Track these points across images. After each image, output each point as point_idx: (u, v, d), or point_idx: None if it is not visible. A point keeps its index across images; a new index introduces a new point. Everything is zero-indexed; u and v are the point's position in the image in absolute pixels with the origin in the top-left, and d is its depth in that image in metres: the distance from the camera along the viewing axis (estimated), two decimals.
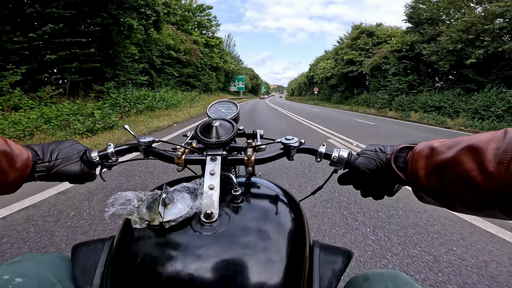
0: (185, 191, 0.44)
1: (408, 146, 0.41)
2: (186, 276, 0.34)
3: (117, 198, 0.42)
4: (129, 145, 0.53)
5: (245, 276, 0.35)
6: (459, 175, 0.31)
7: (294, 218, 0.47)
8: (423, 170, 0.36)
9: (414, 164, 0.38)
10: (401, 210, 2.25)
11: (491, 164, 0.29)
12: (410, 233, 1.87)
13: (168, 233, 0.39)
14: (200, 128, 0.53)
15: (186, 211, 0.40)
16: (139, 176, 2.86)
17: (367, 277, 0.46)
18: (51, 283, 0.39)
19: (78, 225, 1.81)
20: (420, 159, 0.37)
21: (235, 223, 0.41)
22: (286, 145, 0.51)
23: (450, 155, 0.33)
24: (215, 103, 0.73)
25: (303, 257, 0.43)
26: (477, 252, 1.67)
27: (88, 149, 0.52)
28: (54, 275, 0.41)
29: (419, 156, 0.37)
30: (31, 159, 0.44)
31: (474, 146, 0.31)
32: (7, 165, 0.40)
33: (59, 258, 0.46)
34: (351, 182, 0.48)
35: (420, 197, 0.39)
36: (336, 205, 2.28)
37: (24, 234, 1.68)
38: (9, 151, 0.40)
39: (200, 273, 0.34)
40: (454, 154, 0.32)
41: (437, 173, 0.34)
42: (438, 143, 0.36)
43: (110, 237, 0.49)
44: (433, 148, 0.36)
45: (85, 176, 0.50)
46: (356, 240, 1.75)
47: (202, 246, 0.37)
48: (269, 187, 0.54)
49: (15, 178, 0.41)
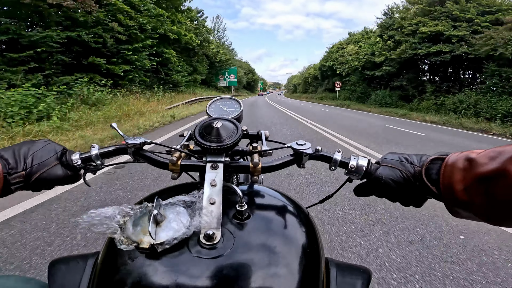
0: (181, 204, 0.37)
1: (439, 157, 0.38)
2: None
3: (93, 217, 0.34)
4: (116, 147, 0.47)
5: None
6: (508, 187, 0.29)
7: (306, 232, 0.42)
8: (460, 184, 0.33)
9: (448, 178, 0.35)
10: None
11: None
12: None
13: (162, 256, 0.33)
14: (199, 129, 0.45)
15: (183, 231, 0.33)
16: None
17: None
18: None
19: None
20: (455, 171, 0.34)
21: (241, 244, 0.35)
22: (297, 152, 0.44)
23: (495, 166, 0.30)
24: (216, 100, 0.66)
25: (319, 275, 0.38)
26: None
27: (67, 150, 0.45)
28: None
29: (454, 168, 0.34)
30: (1, 171, 0.38)
31: None
32: None
33: (23, 281, 0.41)
34: (372, 193, 0.44)
35: (454, 212, 0.36)
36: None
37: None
38: None
39: None
40: (500, 165, 0.30)
41: (480, 187, 0.31)
42: (475, 154, 0.34)
43: (94, 253, 0.43)
44: (471, 159, 0.33)
45: (68, 179, 0.44)
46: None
47: (203, 273, 0.31)
48: (275, 197, 0.48)
49: None
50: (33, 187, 0.42)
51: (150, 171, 2.85)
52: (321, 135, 6.33)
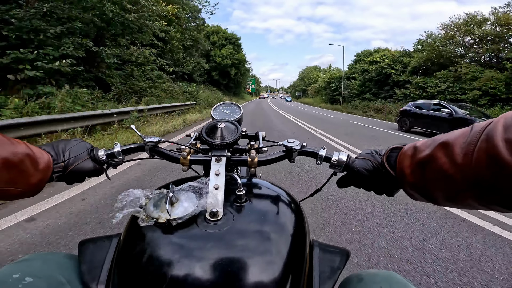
0: (191, 190, 0.46)
1: (398, 146, 0.45)
2: (192, 272, 0.35)
3: (127, 195, 0.43)
4: (136, 145, 0.55)
5: (249, 272, 0.37)
6: (436, 170, 0.35)
7: (295, 218, 0.49)
8: (408, 168, 0.40)
9: (401, 163, 0.42)
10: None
11: (459, 156, 0.32)
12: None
13: (175, 230, 0.41)
14: (206, 129, 0.55)
15: (192, 209, 0.42)
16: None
17: (361, 277, 0.47)
18: (60, 283, 0.40)
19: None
20: (406, 158, 0.41)
21: (239, 221, 0.43)
22: (288, 148, 0.52)
23: (428, 152, 0.36)
24: (219, 105, 0.75)
25: (304, 255, 0.45)
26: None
27: (94, 147, 0.53)
28: (63, 275, 0.41)
29: (405, 155, 0.41)
30: (51, 161, 0.46)
31: (446, 142, 0.35)
32: (31, 168, 0.41)
33: (67, 257, 0.46)
34: (350, 183, 0.51)
35: (410, 194, 0.42)
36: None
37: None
38: (31, 154, 0.41)
39: (205, 269, 0.36)
40: (431, 151, 0.36)
41: (419, 170, 0.38)
42: (420, 143, 0.40)
43: (117, 234, 0.50)
44: (416, 147, 0.40)
45: (95, 173, 0.52)
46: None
47: (208, 244, 0.39)
48: (270, 188, 0.56)
49: (39, 180, 0.42)
50: (68, 177, 0.49)
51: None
52: None
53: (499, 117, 0.30)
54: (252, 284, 0.36)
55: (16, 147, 0.40)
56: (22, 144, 0.42)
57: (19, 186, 0.40)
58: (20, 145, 0.41)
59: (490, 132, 0.30)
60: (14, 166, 0.38)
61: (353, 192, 2.73)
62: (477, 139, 0.31)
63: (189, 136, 0.66)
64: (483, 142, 0.30)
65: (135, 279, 0.38)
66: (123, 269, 0.41)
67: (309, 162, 3.72)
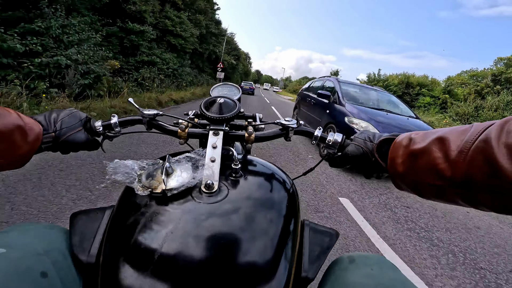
0: (187, 161, 0.45)
1: (390, 137, 0.45)
2: (185, 244, 0.35)
3: (117, 166, 0.42)
4: (133, 117, 0.54)
5: (241, 246, 0.37)
6: (428, 163, 0.35)
7: (288, 195, 0.49)
8: (400, 158, 0.40)
9: (393, 153, 0.42)
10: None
11: (454, 153, 0.32)
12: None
13: (170, 201, 0.41)
14: (204, 104, 0.54)
15: (188, 181, 0.41)
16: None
17: (352, 258, 0.48)
18: (37, 253, 0.37)
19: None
20: (399, 148, 0.41)
21: (233, 195, 0.43)
22: (284, 126, 0.53)
23: (423, 145, 0.36)
24: (218, 86, 0.75)
25: (295, 232, 0.46)
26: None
27: (91, 118, 0.52)
28: (42, 246, 0.39)
29: (399, 145, 0.41)
30: (41, 132, 0.44)
31: (443, 137, 0.34)
32: (20, 139, 0.39)
33: (48, 228, 0.44)
34: (342, 165, 0.52)
35: (397, 184, 0.42)
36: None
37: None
38: (22, 125, 0.39)
39: (198, 241, 0.36)
40: (426, 144, 0.36)
41: (410, 161, 0.38)
42: (415, 134, 0.40)
43: (111, 206, 0.49)
44: (411, 138, 0.40)
45: (89, 145, 0.51)
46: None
47: (202, 215, 0.39)
48: (265, 165, 0.56)
49: (26, 152, 0.41)
50: (59, 148, 0.48)
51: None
52: None
53: (502, 120, 0.30)
54: (243, 258, 0.36)
55: (7, 117, 0.38)
56: (14, 113, 0.40)
57: (5, 158, 0.38)
58: (11, 115, 0.39)
59: (489, 133, 0.29)
60: (4, 138, 0.37)
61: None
62: (475, 138, 0.30)
63: (187, 114, 0.65)
64: (481, 142, 0.29)
65: (127, 250, 0.37)
66: (115, 240, 0.40)
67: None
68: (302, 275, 0.44)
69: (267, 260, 0.37)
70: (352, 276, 0.43)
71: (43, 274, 0.35)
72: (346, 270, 0.45)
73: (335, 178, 2.96)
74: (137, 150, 3.06)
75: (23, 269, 0.34)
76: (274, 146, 4.11)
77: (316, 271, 0.45)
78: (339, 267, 0.47)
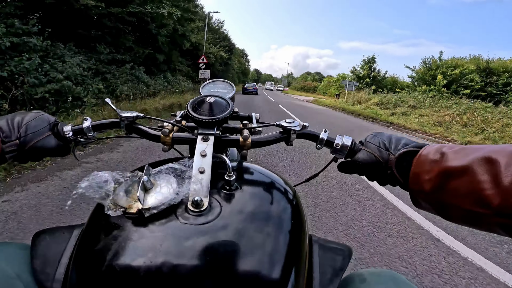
0: (171, 173, 0.38)
1: (413, 149, 0.38)
2: (168, 274, 0.29)
3: (93, 178, 0.35)
4: (109, 121, 0.47)
5: (239, 275, 0.31)
6: (468, 186, 0.30)
7: (292, 209, 0.43)
8: (427, 175, 0.34)
9: (418, 167, 0.36)
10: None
11: (507, 178, 0.27)
12: None
13: (149, 222, 0.33)
14: (192, 104, 0.46)
15: (171, 198, 0.34)
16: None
17: (363, 277, 0.44)
18: (9, 277, 0.34)
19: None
20: (426, 162, 0.35)
21: (227, 213, 0.36)
22: (286, 129, 0.46)
23: (463, 163, 0.31)
24: (209, 82, 0.67)
25: (303, 252, 0.39)
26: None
27: (59, 122, 0.46)
28: (14, 269, 0.36)
29: (426, 159, 0.35)
30: (1, 139, 0.38)
31: (492, 158, 0.29)
32: None
33: (20, 248, 0.40)
34: (353, 171, 0.46)
35: (417, 202, 0.37)
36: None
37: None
38: None
39: (184, 270, 0.29)
40: (467, 163, 0.30)
41: (441, 180, 0.32)
42: (449, 148, 0.34)
43: (80, 225, 0.43)
44: (444, 153, 0.34)
45: (60, 151, 0.45)
46: None
47: (189, 239, 0.32)
48: (264, 173, 0.49)
49: None
50: (25, 156, 0.42)
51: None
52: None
53: None
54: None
55: None
56: None
57: None
58: None
59: None
60: None
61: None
62: None
63: (174, 115, 0.58)
64: None
65: (96, 278, 0.31)
66: (82, 266, 0.34)
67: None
68: None
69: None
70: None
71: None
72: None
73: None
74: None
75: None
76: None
77: None
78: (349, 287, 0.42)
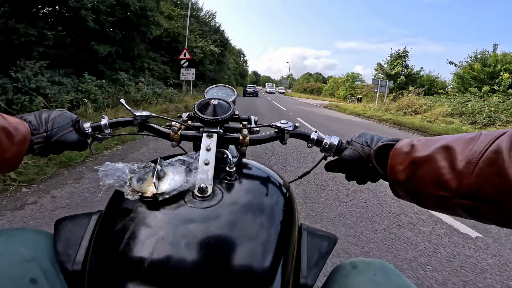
0: (180, 164, 0.44)
1: (389, 143, 0.43)
2: (177, 250, 0.34)
3: (109, 169, 0.41)
4: (124, 119, 0.53)
5: (236, 252, 0.36)
6: (431, 172, 0.33)
7: (284, 199, 0.48)
8: (400, 166, 0.38)
9: (393, 160, 0.40)
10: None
11: (461, 163, 0.30)
12: None
13: (161, 206, 0.39)
14: (198, 105, 0.53)
15: (181, 184, 0.40)
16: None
17: (355, 264, 0.47)
18: (25, 260, 0.37)
19: None
20: (400, 154, 0.39)
21: (228, 199, 0.42)
22: (280, 129, 0.52)
23: (427, 153, 0.35)
24: (213, 87, 0.74)
25: (293, 237, 0.44)
26: None
27: (80, 119, 0.51)
28: (29, 252, 0.38)
29: (400, 152, 0.39)
30: (29, 132, 0.43)
31: (450, 146, 0.33)
32: (6, 141, 0.38)
33: (35, 233, 0.43)
34: (338, 169, 0.50)
35: (395, 192, 0.41)
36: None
37: None
38: (7, 126, 0.38)
39: (190, 247, 0.34)
40: (430, 152, 0.34)
41: (412, 169, 0.36)
42: (417, 141, 0.39)
43: (98, 211, 0.47)
44: (413, 145, 0.38)
45: (80, 145, 0.50)
46: None
47: (195, 220, 0.37)
48: (260, 168, 0.55)
49: (15, 154, 0.40)
50: (50, 149, 0.47)
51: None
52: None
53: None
54: (239, 264, 0.35)
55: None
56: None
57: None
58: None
59: (500, 144, 0.28)
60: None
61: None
62: (484, 149, 0.29)
63: (180, 116, 0.65)
64: (491, 153, 0.28)
65: (114, 257, 0.35)
66: (101, 248, 0.38)
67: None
68: (301, 282, 0.42)
69: (264, 267, 0.36)
70: (355, 283, 0.42)
71: (32, 281, 0.35)
72: (349, 276, 0.44)
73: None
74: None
75: (13, 276, 0.34)
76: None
77: (315, 277, 0.43)
78: (341, 273, 0.46)
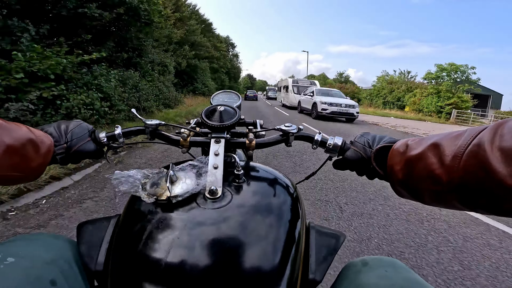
0: (191, 169, 0.46)
1: (387, 145, 0.45)
2: (192, 249, 0.36)
3: (121, 177, 0.43)
4: (136, 128, 0.55)
5: (248, 249, 0.37)
6: (424, 169, 0.35)
7: (292, 199, 0.50)
8: (398, 165, 0.40)
9: (391, 160, 0.42)
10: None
11: (448, 157, 0.32)
12: None
13: (175, 208, 0.41)
14: (205, 112, 0.56)
15: (193, 187, 0.42)
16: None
17: (365, 261, 0.48)
18: (45, 262, 0.38)
19: None
20: (397, 155, 0.41)
21: (237, 200, 0.44)
22: (285, 132, 0.54)
23: (419, 151, 0.37)
24: (219, 93, 0.78)
25: (301, 235, 0.46)
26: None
27: (95, 129, 0.54)
28: (49, 255, 0.40)
29: (397, 152, 0.42)
30: (53, 144, 0.45)
31: (437, 143, 0.35)
32: (32, 152, 0.40)
33: (53, 238, 0.45)
34: (345, 168, 0.52)
35: (397, 191, 0.43)
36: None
37: None
38: (34, 138, 0.41)
39: (205, 246, 0.36)
40: (421, 150, 0.37)
41: (408, 168, 0.38)
42: (412, 140, 0.41)
43: (116, 215, 0.50)
44: (408, 144, 0.40)
45: (96, 154, 0.52)
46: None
47: (207, 220, 0.39)
48: (267, 170, 0.57)
49: (39, 164, 0.42)
50: (69, 158, 0.49)
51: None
52: None
53: (495, 124, 0.30)
54: (250, 262, 0.37)
55: (18, 131, 0.39)
56: (24, 127, 0.41)
57: (20, 171, 0.39)
58: (21, 129, 0.40)
59: (482, 137, 0.29)
60: (16, 152, 0.38)
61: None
62: (468, 143, 0.31)
63: (189, 123, 0.67)
64: (474, 146, 0.30)
65: (133, 257, 0.37)
66: (121, 248, 0.40)
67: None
68: (310, 277, 0.44)
69: (274, 263, 0.38)
70: (366, 278, 0.43)
71: (52, 282, 0.36)
72: (360, 272, 0.45)
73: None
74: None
75: (34, 278, 0.35)
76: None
77: (323, 273, 0.45)
78: (352, 270, 0.47)
